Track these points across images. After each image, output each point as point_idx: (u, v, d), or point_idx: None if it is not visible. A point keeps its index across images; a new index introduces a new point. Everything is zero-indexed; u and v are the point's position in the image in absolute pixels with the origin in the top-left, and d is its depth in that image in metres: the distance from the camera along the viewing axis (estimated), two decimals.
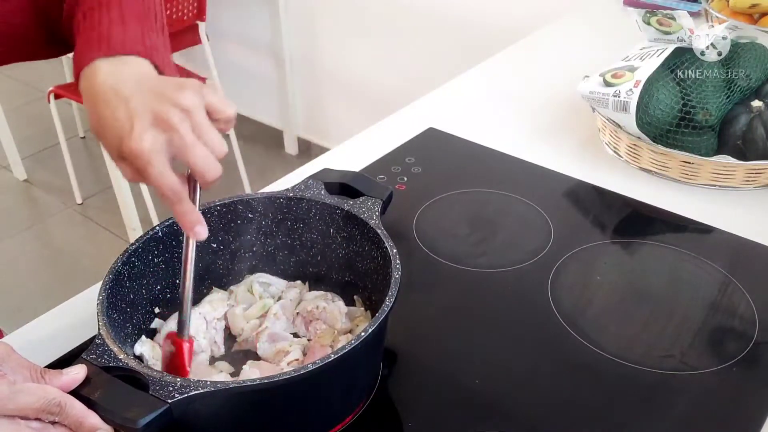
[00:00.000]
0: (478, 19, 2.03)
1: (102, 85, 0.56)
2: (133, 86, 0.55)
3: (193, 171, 0.54)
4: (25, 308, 2.04)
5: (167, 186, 0.53)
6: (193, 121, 0.53)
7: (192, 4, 2.22)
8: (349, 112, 2.57)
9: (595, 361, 0.68)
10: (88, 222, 2.52)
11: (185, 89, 0.54)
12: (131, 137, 0.52)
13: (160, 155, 0.53)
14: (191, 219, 0.56)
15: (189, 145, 0.53)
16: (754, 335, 0.71)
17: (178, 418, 0.50)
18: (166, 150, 0.53)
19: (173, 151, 0.53)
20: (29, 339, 0.71)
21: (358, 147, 1.04)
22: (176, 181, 0.54)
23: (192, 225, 0.56)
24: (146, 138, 0.52)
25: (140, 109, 0.53)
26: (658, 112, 0.91)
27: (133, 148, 0.52)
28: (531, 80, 1.24)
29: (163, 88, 0.55)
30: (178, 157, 0.54)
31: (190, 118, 0.53)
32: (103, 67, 0.57)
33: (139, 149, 0.52)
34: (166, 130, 0.53)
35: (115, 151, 0.55)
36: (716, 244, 0.84)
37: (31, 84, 3.23)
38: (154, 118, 0.53)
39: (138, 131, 0.52)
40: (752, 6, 1.16)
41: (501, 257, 0.82)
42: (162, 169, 0.53)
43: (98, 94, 0.56)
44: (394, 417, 0.63)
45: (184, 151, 0.53)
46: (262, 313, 0.69)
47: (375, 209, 0.69)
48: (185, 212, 0.55)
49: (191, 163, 0.54)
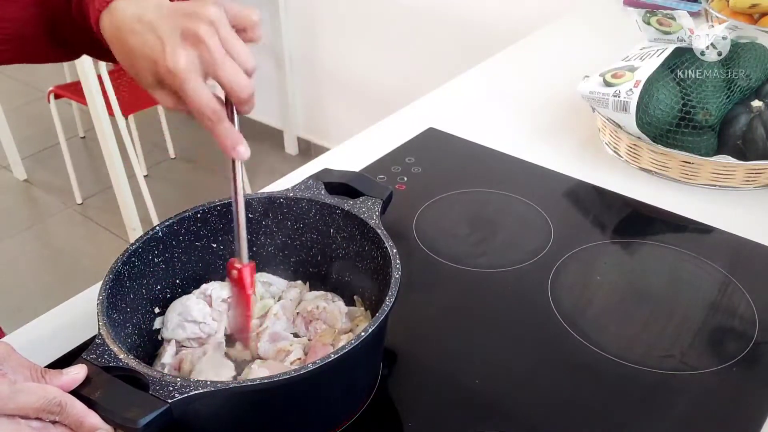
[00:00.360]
0: (478, 19, 2.03)
1: (125, 18, 0.56)
2: (155, 11, 0.55)
3: (224, 87, 0.54)
4: (25, 308, 2.04)
5: (206, 104, 0.53)
6: (220, 34, 0.53)
7: None
8: (349, 112, 2.57)
9: (595, 361, 0.68)
10: (88, 222, 2.52)
11: (207, 3, 0.54)
12: (165, 57, 0.53)
13: (195, 74, 0.53)
14: (233, 138, 0.55)
15: (219, 60, 0.53)
16: (754, 335, 0.71)
17: (178, 418, 0.50)
18: (199, 67, 0.53)
19: (205, 68, 0.53)
20: (29, 339, 0.71)
21: (358, 147, 1.04)
22: (214, 100, 0.54)
23: (234, 144, 0.55)
24: (180, 55, 0.52)
25: (168, 30, 0.53)
26: (658, 112, 0.91)
27: (170, 67, 0.52)
28: (531, 80, 1.24)
29: (183, 5, 0.55)
30: (210, 74, 0.53)
31: (217, 32, 0.53)
32: (122, 3, 0.57)
33: (175, 67, 0.52)
34: (196, 45, 0.53)
35: (151, 77, 0.55)
36: (716, 244, 0.84)
37: (31, 84, 3.23)
38: (183, 36, 0.53)
39: (171, 50, 0.52)
40: (752, 6, 1.16)
41: (501, 257, 0.82)
42: (198, 86, 0.53)
43: (123, 27, 0.56)
44: (394, 417, 0.63)
45: (214, 67, 0.53)
46: (262, 313, 0.69)
47: (375, 209, 0.69)
48: (226, 132, 0.55)
49: (222, 79, 0.53)
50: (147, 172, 2.66)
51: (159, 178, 2.69)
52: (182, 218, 0.68)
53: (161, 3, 0.56)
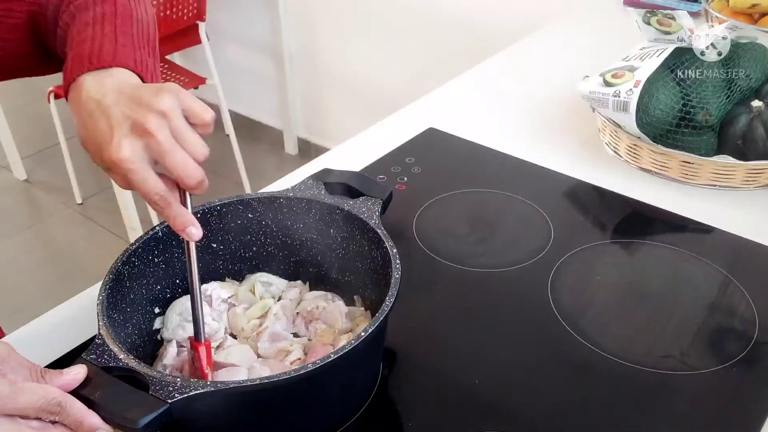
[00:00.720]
0: (478, 19, 2.03)
1: (86, 99, 0.57)
2: (113, 96, 0.56)
3: (173, 175, 0.55)
4: (25, 308, 2.04)
5: (152, 191, 0.54)
6: (171, 125, 0.54)
7: (192, 4, 2.22)
8: (349, 112, 2.57)
9: (595, 361, 0.68)
10: (88, 222, 2.52)
11: (162, 93, 0.55)
12: (111, 147, 0.54)
13: (141, 162, 0.54)
14: (183, 221, 0.56)
15: (166, 150, 0.54)
16: (754, 335, 0.71)
17: (178, 418, 0.50)
18: (145, 156, 0.54)
19: (153, 156, 0.54)
20: (29, 339, 0.71)
21: (358, 147, 1.04)
22: (161, 187, 0.55)
23: (184, 226, 0.57)
24: (124, 146, 0.54)
25: (119, 118, 0.55)
26: (658, 112, 0.91)
27: (113, 158, 0.54)
28: (531, 80, 1.24)
29: (140, 93, 0.56)
30: (159, 163, 0.55)
31: (168, 122, 0.54)
32: (88, 81, 0.58)
33: (118, 158, 0.54)
34: (143, 136, 0.54)
35: (101, 161, 0.56)
36: (716, 244, 0.84)
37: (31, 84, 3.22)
38: (132, 126, 0.54)
39: (116, 140, 0.54)
40: (752, 6, 1.16)
41: (501, 257, 0.82)
42: (144, 175, 0.54)
43: (83, 107, 0.57)
44: (394, 417, 0.63)
45: (162, 156, 0.54)
46: (262, 313, 0.69)
47: (375, 209, 0.69)
48: (175, 215, 0.56)
49: (170, 168, 0.54)
50: None
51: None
52: None
53: (121, 86, 0.58)
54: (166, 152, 0.54)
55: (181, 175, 0.55)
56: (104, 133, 0.55)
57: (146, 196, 0.55)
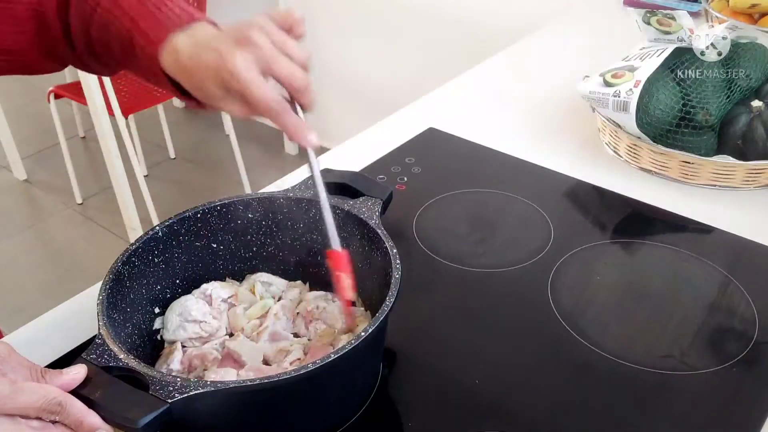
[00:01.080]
0: (478, 19, 2.03)
1: (185, 48, 0.60)
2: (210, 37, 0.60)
3: (281, 80, 0.58)
4: (25, 308, 2.04)
5: (270, 97, 0.57)
6: (271, 36, 0.58)
7: (192, 4, 2.22)
8: (349, 112, 2.57)
9: (595, 361, 0.68)
10: (88, 222, 2.52)
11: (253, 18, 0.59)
12: (226, 63, 0.56)
13: (255, 72, 0.56)
14: (300, 127, 0.59)
15: (272, 56, 0.57)
16: (754, 335, 0.71)
17: (178, 418, 0.50)
18: (257, 66, 0.56)
19: (262, 66, 0.57)
20: (29, 339, 0.71)
21: (358, 147, 1.04)
22: (277, 95, 0.57)
23: (303, 133, 0.59)
24: (237, 57, 0.56)
25: (224, 43, 0.58)
26: (658, 112, 0.91)
27: (229, 68, 0.56)
28: (531, 80, 1.24)
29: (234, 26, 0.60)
30: (267, 71, 0.57)
31: (267, 35, 0.58)
32: (181, 38, 0.61)
33: (234, 67, 0.56)
34: (249, 48, 0.57)
35: (217, 88, 0.58)
36: (716, 244, 0.84)
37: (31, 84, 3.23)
38: (237, 43, 0.57)
39: (229, 55, 0.56)
40: (752, 6, 1.16)
41: (501, 257, 0.82)
42: (259, 81, 0.56)
43: (185, 57, 0.60)
44: (394, 417, 0.63)
45: (270, 62, 0.57)
46: (262, 313, 0.69)
47: (375, 209, 0.69)
48: (293, 123, 0.59)
49: (278, 74, 0.57)
50: (147, 172, 2.66)
51: (159, 178, 2.69)
52: (182, 218, 0.68)
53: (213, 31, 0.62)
54: (272, 59, 0.57)
55: (289, 79, 0.58)
56: (214, 57, 0.57)
57: (263, 103, 0.57)
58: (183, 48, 0.60)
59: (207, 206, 0.70)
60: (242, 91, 0.57)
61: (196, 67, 0.59)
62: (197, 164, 2.81)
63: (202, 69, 0.58)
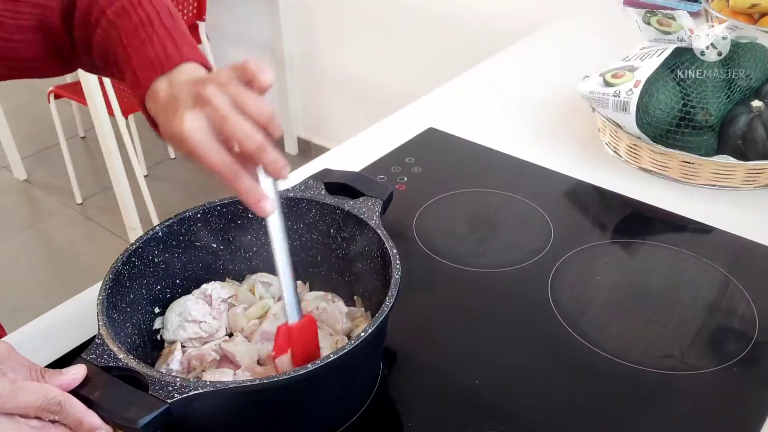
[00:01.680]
0: (478, 19, 2.03)
1: (162, 94, 0.59)
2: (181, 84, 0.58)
3: (234, 140, 0.54)
4: (25, 308, 2.04)
5: (218, 162, 0.54)
6: (228, 92, 0.54)
7: (192, 4, 2.23)
8: (349, 112, 2.57)
9: (595, 361, 0.68)
10: (88, 222, 2.52)
11: (220, 71, 0.57)
12: (174, 121, 0.55)
13: (203, 133, 0.54)
14: (253, 194, 0.55)
15: (226, 116, 0.54)
16: (754, 335, 0.71)
17: (177, 418, 0.50)
18: (207, 127, 0.54)
19: (215, 126, 0.54)
20: (29, 339, 0.71)
21: (358, 147, 1.04)
22: (227, 158, 0.54)
23: (255, 200, 0.55)
24: (185, 120, 0.54)
25: (185, 97, 0.56)
26: (658, 112, 0.91)
27: (176, 131, 0.54)
28: (531, 80, 1.24)
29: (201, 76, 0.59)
30: (220, 133, 0.54)
31: (225, 91, 0.54)
32: (162, 84, 0.60)
33: (180, 129, 0.54)
34: (204, 107, 0.54)
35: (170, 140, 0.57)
36: (716, 244, 0.84)
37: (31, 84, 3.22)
38: (194, 100, 0.55)
39: (180, 114, 0.54)
40: (752, 6, 1.16)
41: (501, 257, 0.82)
42: (207, 148, 0.54)
43: (159, 105, 0.59)
44: (394, 417, 0.63)
45: (222, 124, 0.54)
46: (262, 313, 0.69)
47: (375, 209, 0.69)
48: (245, 188, 0.55)
49: (230, 135, 0.54)
50: (147, 172, 2.66)
51: (159, 178, 2.69)
52: (182, 218, 0.68)
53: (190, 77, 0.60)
54: (225, 119, 0.54)
55: (242, 141, 0.53)
56: (174, 113, 0.56)
57: (212, 167, 0.54)
58: (161, 93, 0.59)
59: (207, 206, 0.70)
60: (192, 154, 0.54)
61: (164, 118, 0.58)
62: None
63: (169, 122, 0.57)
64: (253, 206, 0.55)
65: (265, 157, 0.54)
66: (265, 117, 0.54)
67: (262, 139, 0.54)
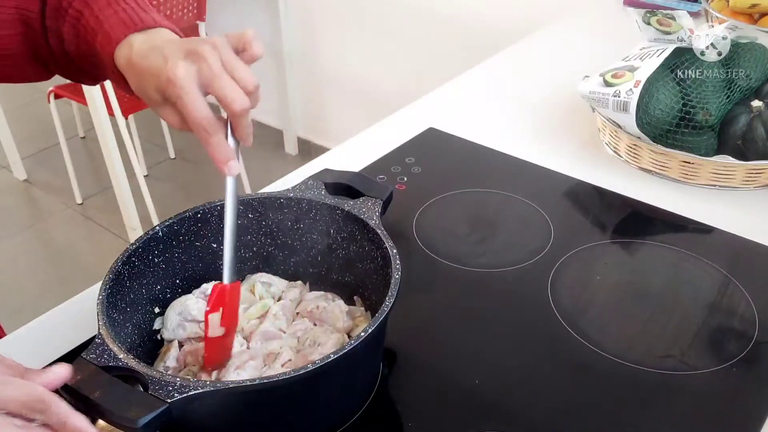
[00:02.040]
0: (478, 19, 2.03)
1: (139, 47, 0.60)
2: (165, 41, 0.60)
3: (220, 100, 0.56)
4: (25, 308, 2.04)
5: (202, 114, 0.56)
6: (221, 55, 0.57)
7: (192, 4, 2.22)
8: (349, 112, 2.57)
9: (595, 361, 0.68)
10: (88, 222, 2.52)
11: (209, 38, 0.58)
12: (167, 67, 0.56)
13: (193, 84, 0.55)
14: (225, 152, 0.57)
15: (217, 74, 0.56)
16: (754, 335, 0.71)
17: (177, 418, 0.50)
18: (197, 80, 0.56)
19: (204, 81, 0.56)
20: (29, 339, 0.71)
21: (358, 147, 1.04)
22: (210, 113, 0.56)
23: (225, 158, 0.57)
24: (179, 65, 0.55)
25: (174, 50, 0.57)
26: (658, 112, 0.91)
27: (169, 76, 0.55)
28: (531, 80, 1.24)
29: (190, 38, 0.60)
30: (207, 88, 0.56)
31: (218, 52, 0.57)
32: (138, 38, 0.61)
33: (173, 76, 0.55)
34: (196, 61, 0.56)
35: (156, 93, 0.58)
36: (716, 244, 0.84)
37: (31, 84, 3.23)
38: (186, 52, 0.57)
39: (172, 62, 0.56)
40: (752, 6, 1.16)
41: (501, 257, 0.82)
42: (195, 97, 0.55)
43: (136, 55, 0.60)
44: (394, 417, 0.63)
45: (212, 80, 0.56)
46: (262, 313, 0.69)
47: (375, 209, 0.69)
48: (218, 144, 0.57)
49: (218, 91, 0.56)
50: (147, 172, 2.66)
51: (159, 178, 2.69)
52: (182, 218, 0.68)
53: (171, 37, 0.61)
54: (216, 76, 0.55)
55: (228, 99, 0.56)
56: (159, 62, 0.57)
57: (195, 119, 0.56)
58: (137, 46, 0.60)
59: (207, 206, 0.70)
60: (176, 100, 0.56)
61: (143, 68, 0.59)
62: (197, 164, 2.81)
63: (147, 70, 0.58)
64: (222, 164, 0.58)
65: (243, 120, 0.57)
66: (251, 85, 0.57)
67: (248, 102, 0.56)
